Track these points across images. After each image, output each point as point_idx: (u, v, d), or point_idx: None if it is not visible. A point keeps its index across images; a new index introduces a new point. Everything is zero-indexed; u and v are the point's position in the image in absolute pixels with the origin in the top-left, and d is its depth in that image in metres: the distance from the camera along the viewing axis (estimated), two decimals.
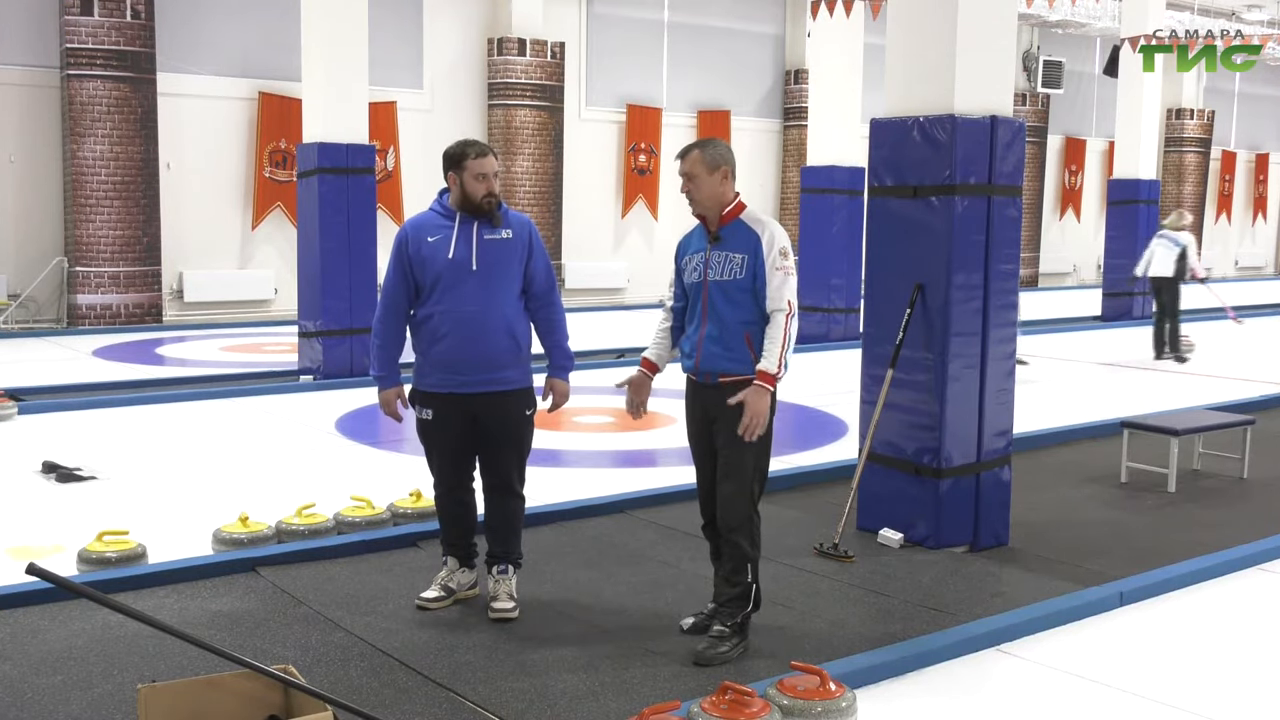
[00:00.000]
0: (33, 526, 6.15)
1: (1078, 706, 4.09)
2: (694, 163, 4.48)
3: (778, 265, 4.39)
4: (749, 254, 4.42)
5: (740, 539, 4.42)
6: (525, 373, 4.80)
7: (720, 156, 4.50)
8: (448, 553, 4.95)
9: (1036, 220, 24.73)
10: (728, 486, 4.44)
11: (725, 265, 4.45)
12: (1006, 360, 5.97)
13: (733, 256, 4.44)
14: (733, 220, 4.51)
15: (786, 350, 4.36)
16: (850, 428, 8.75)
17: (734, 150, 4.67)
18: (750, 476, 4.44)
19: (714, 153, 4.50)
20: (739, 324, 4.41)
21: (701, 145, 4.53)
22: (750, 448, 4.39)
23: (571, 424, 8.99)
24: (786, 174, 21.26)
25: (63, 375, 11.00)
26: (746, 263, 4.42)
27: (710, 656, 4.31)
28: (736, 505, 4.42)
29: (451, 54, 17.93)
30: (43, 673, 4.15)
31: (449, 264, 4.66)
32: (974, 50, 5.79)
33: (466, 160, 4.68)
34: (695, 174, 4.48)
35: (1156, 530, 6.43)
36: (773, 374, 4.33)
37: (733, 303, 4.42)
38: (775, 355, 4.34)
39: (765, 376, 4.33)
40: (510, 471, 4.85)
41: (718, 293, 4.45)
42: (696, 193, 4.49)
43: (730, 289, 4.43)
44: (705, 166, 4.47)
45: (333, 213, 10.74)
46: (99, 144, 14.54)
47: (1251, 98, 29.64)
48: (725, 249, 4.46)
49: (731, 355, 4.42)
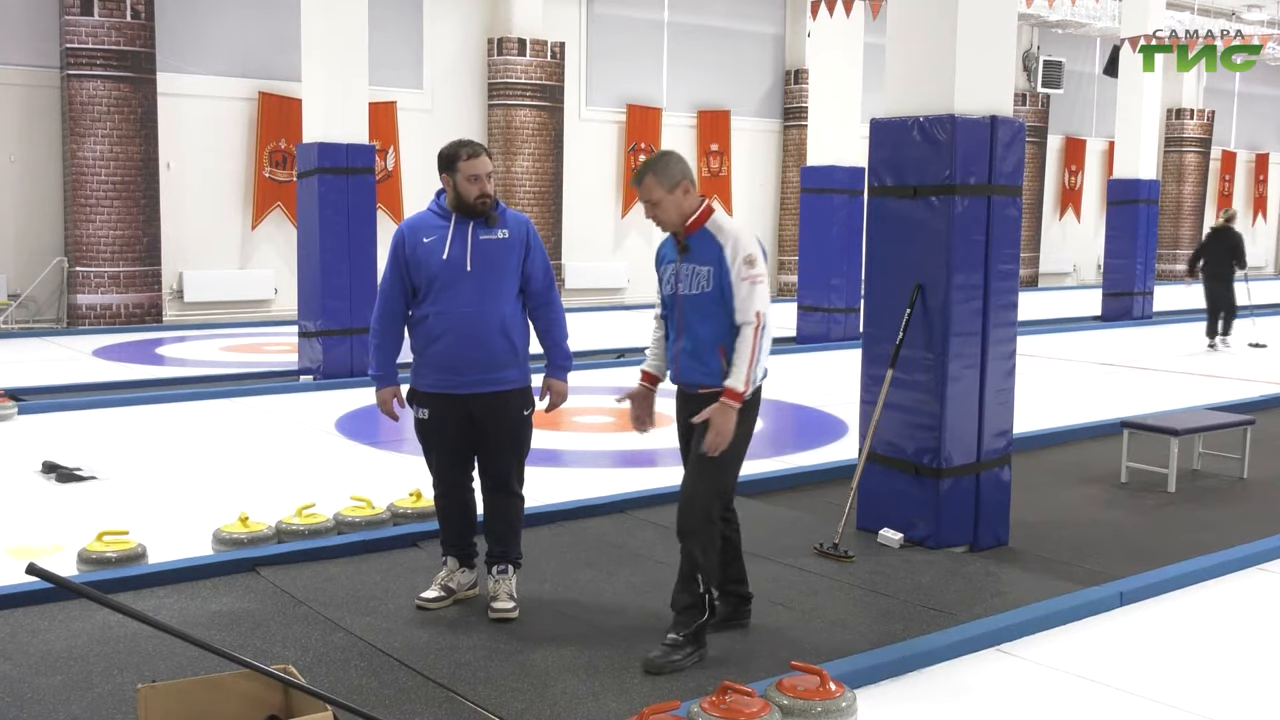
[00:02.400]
0: (33, 526, 6.15)
1: (1078, 707, 4.09)
2: (651, 188, 4.34)
3: (743, 275, 4.24)
4: (713, 265, 4.29)
5: (693, 547, 4.31)
6: (523, 373, 4.80)
7: (676, 173, 4.34)
8: (447, 553, 4.95)
9: (1036, 220, 24.73)
10: (687, 491, 4.36)
11: (693, 279, 4.34)
12: (1006, 360, 5.97)
13: (699, 269, 4.33)
14: (698, 229, 4.37)
15: (755, 365, 4.23)
16: (850, 428, 8.75)
17: (734, 150, 4.65)
18: (713, 487, 4.34)
19: (667, 171, 4.34)
20: (712, 337, 4.31)
21: (653, 168, 4.36)
22: (717, 460, 4.28)
23: (571, 424, 9.00)
24: (786, 174, 21.26)
25: (63, 375, 11.00)
26: (712, 275, 4.29)
27: (662, 665, 4.22)
28: (694, 513, 4.31)
29: (451, 54, 17.94)
30: (43, 673, 4.15)
31: (444, 265, 4.67)
32: (974, 50, 5.78)
33: (459, 161, 4.67)
34: (656, 199, 4.34)
35: (1156, 530, 6.43)
36: (739, 392, 4.20)
37: (704, 315, 4.33)
38: (742, 372, 4.21)
39: (731, 394, 4.20)
40: (508, 472, 4.85)
41: (689, 307, 4.37)
42: (662, 215, 4.36)
43: (700, 302, 4.33)
44: (663, 188, 4.33)
45: (333, 213, 10.75)
46: (99, 144, 14.54)
47: (1251, 98, 29.65)
48: (692, 260, 4.36)
49: (706, 369, 4.34)
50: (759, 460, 7.78)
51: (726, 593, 4.72)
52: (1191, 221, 27.37)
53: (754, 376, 4.23)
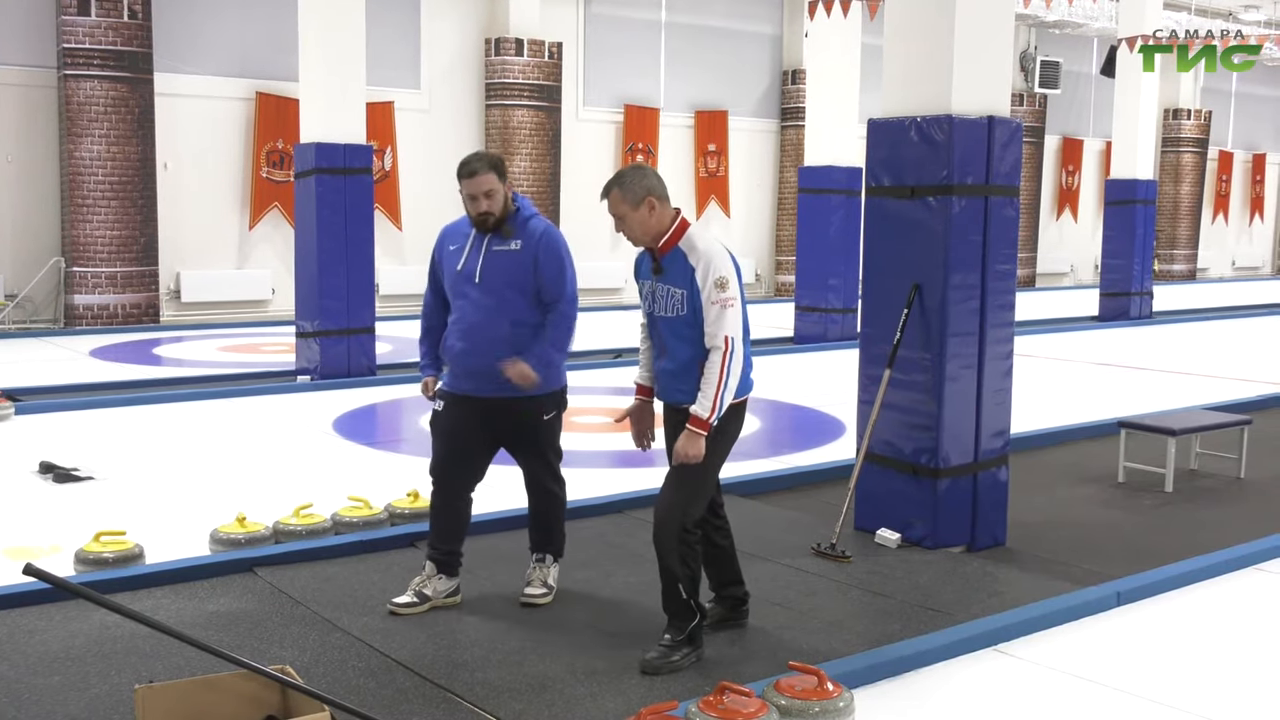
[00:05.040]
0: (30, 527, 6.14)
1: (1075, 706, 4.10)
2: (615, 203, 4.27)
3: (714, 298, 4.17)
4: (686, 289, 4.23)
5: (670, 562, 4.26)
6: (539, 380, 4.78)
7: (641, 188, 4.25)
8: (429, 556, 4.93)
9: (1034, 220, 24.73)
10: (660, 505, 4.31)
11: (668, 300, 4.30)
12: (1004, 360, 5.97)
13: (673, 291, 4.28)
14: (671, 249, 4.30)
15: (723, 391, 4.15)
16: (848, 427, 8.75)
17: (731, 150, 4.63)
18: (686, 501, 4.28)
19: (633, 187, 4.25)
20: (691, 358, 4.28)
21: (619, 183, 4.29)
22: (690, 475, 4.25)
23: (570, 424, 8.97)
24: (784, 174, 21.25)
25: (60, 375, 10.99)
26: (686, 299, 4.23)
27: (659, 665, 4.22)
28: (666, 527, 4.25)
29: (449, 54, 17.93)
30: (40, 673, 4.15)
31: (458, 275, 4.80)
32: (971, 50, 5.79)
33: (460, 179, 4.75)
34: (621, 214, 4.28)
35: (1153, 530, 6.44)
36: (704, 419, 4.15)
37: (680, 338, 4.30)
38: (709, 399, 4.15)
39: (696, 421, 4.16)
40: (536, 471, 4.98)
41: (666, 329, 4.36)
42: (629, 231, 4.30)
43: (676, 325, 4.30)
44: (629, 204, 4.25)
45: (330, 213, 10.74)
46: (96, 144, 14.52)
47: (1248, 98, 29.67)
48: (667, 282, 4.30)
49: (685, 389, 4.31)
50: (757, 460, 7.79)
51: (722, 596, 4.73)
52: (1188, 222, 27.38)
53: (721, 402, 4.17)
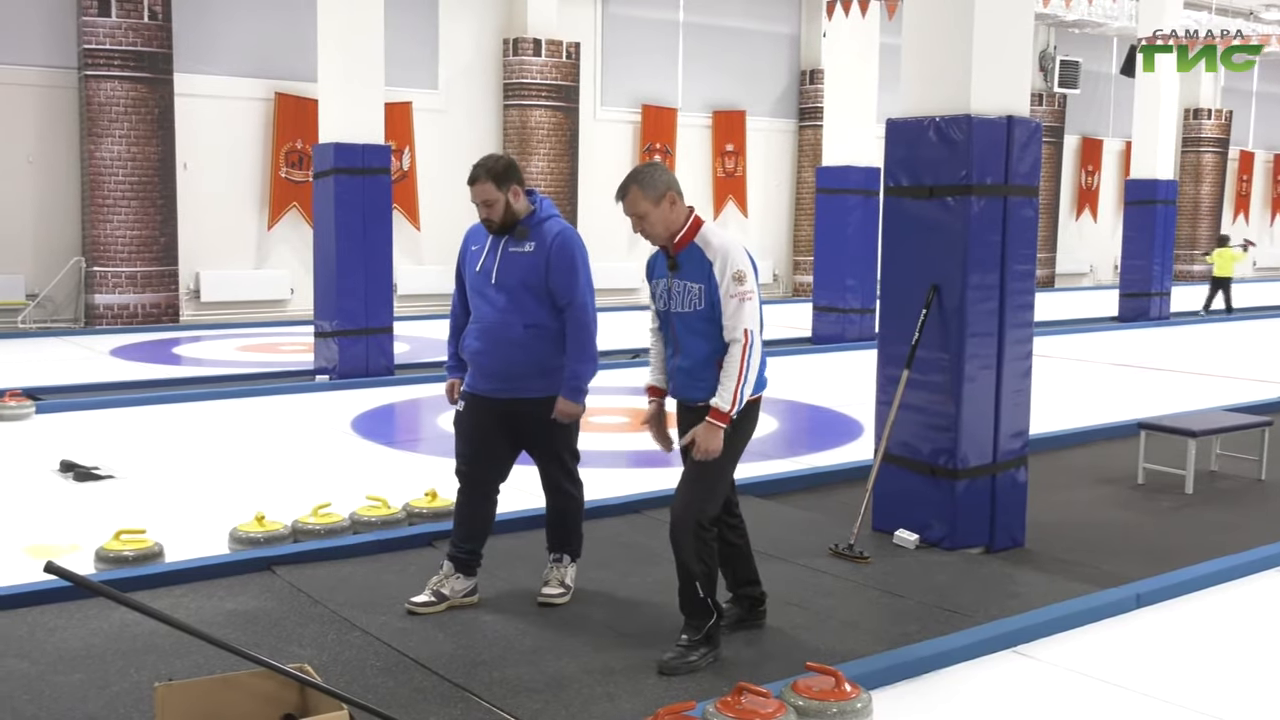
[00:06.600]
0: (50, 525, 6.18)
1: (1094, 709, 4.08)
2: (636, 200, 4.24)
3: (732, 292, 4.18)
4: (704, 283, 4.23)
5: (686, 558, 4.26)
6: (553, 383, 4.80)
7: (661, 184, 4.25)
8: (449, 555, 4.94)
9: (1053, 221, 24.65)
10: (677, 502, 4.32)
11: (685, 296, 4.29)
12: (1023, 361, 5.95)
13: (690, 287, 4.27)
14: (687, 245, 4.29)
15: (743, 384, 4.17)
16: (866, 428, 8.73)
17: (749, 150, 4.63)
18: (702, 498, 4.28)
19: (654, 183, 4.24)
20: (707, 354, 4.28)
21: (637, 179, 4.26)
22: (707, 471, 4.26)
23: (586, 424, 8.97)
24: (802, 174, 21.22)
25: (80, 375, 11.06)
26: (704, 293, 4.23)
27: (676, 666, 4.22)
28: (683, 524, 4.26)
29: (467, 54, 17.96)
30: (60, 671, 4.17)
31: (476, 275, 4.84)
32: (990, 50, 5.77)
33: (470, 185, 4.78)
34: (643, 212, 4.24)
35: (1173, 532, 6.40)
36: (724, 412, 4.15)
37: (696, 334, 4.29)
38: (729, 391, 4.15)
39: (717, 414, 4.16)
40: (552, 472, 4.99)
41: (681, 325, 4.34)
42: (649, 229, 4.27)
43: (692, 321, 4.29)
44: (649, 200, 4.23)
45: (348, 213, 10.77)
46: (116, 144, 14.60)
47: (1269, 97, 29.49)
48: (683, 278, 4.29)
49: (701, 385, 4.31)
50: (774, 461, 7.78)
51: (739, 596, 4.72)
52: (1209, 222, 27.23)
53: (741, 396, 4.18)
